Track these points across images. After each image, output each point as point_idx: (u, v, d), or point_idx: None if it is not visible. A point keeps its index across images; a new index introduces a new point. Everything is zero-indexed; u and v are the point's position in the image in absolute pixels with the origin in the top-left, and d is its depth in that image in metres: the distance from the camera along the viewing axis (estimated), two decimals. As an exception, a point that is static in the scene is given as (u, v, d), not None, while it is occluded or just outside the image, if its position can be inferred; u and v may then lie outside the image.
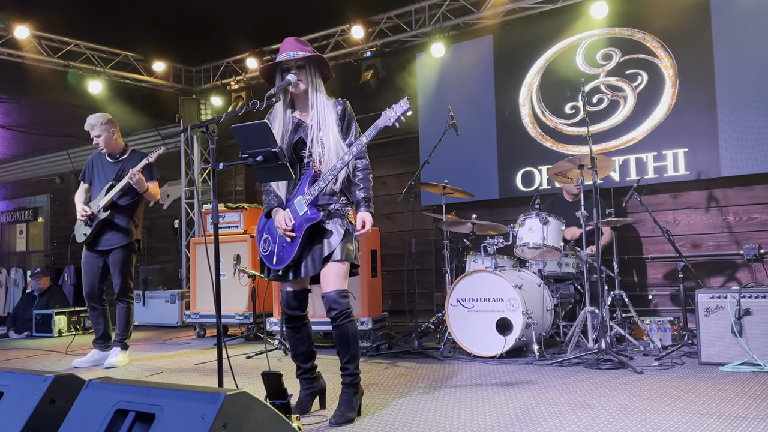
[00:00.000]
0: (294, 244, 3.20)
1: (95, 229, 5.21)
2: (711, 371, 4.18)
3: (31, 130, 10.45)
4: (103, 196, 5.21)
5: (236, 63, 8.98)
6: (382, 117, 3.18)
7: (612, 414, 3.15)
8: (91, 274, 5.29)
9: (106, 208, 5.17)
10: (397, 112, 3.15)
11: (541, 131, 6.97)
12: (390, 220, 8.16)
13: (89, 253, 5.32)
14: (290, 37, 3.35)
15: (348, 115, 3.35)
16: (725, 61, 6.03)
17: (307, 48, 3.32)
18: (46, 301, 8.36)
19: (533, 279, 5.25)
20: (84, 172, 5.47)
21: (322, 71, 3.37)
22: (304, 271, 3.23)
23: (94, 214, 5.20)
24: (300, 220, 3.20)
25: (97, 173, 5.39)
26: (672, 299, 6.29)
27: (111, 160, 5.37)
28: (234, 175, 9.93)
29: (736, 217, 6.12)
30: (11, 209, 13.63)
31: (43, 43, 7.76)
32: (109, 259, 5.28)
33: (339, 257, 3.18)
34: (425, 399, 3.65)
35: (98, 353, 5.35)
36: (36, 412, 2.21)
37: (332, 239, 3.21)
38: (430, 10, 7.39)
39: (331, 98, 3.37)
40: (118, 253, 5.24)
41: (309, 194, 3.20)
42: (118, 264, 5.24)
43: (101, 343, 5.37)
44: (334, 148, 3.24)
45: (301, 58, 3.26)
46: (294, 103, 3.40)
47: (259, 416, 1.92)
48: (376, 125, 3.16)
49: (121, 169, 5.25)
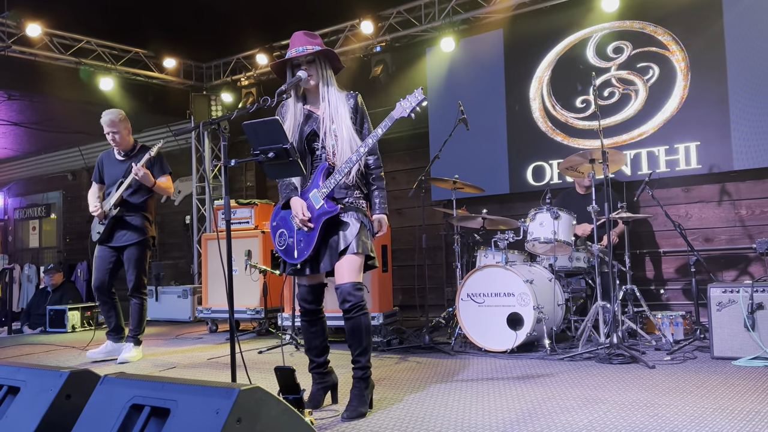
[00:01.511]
0: (312, 238, 3.21)
1: (108, 226, 5.26)
2: (723, 366, 4.16)
3: (44, 127, 10.51)
4: (114, 193, 5.25)
5: (246, 59, 9.00)
6: (397, 108, 3.18)
7: (624, 409, 3.15)
8: (102, 268, 5.32)
9: (116, 205, 5.22)
10: (411, 102, 3.16)
11: (552, 125, 6.95)
12: (400, 215, 8.16)
13: (103, 247, 5.35)
14: (299, 32, 3.35)
15: (360, 108, 3.37)
16: (737, 53, 5.98)
17: (317, 41, 3.32)
18: (59, 297, 8.42)
19: (544, 274, 5.24)
20: (95, 172, 5.51)
21: (333, 63, 3.38)
22: (322, 266, 3.25)
23: (106, 213, 5.24)
24: (317, 213, 3.21)
25: (107, 172, 5.43)
26: (684, 293, 6.27)
27: (120, 158, 5.40)
28: (245, 171, 9.97)
29: (749, 211, 6.08)
30: (24, 206, 13.73)
31: (55, 40, 7.81)
32: (123, 255, 5.32)
33: (355, 250, 3.19)
34: (437, 393, 3.66)
35: (111, 344, 5.40)
36: (52, 407, 2.23)
37: (348, 232, 3.22)
38: (440, 5, 7.37)
39: (343, 91, 3.38)
40: (133, 249, 5.28)
41: (325, 187, 3.21)
42: (133, 260, 5.28)
43: (114, 335, 5.42)
44: (348, 141, 3.25)
45: (310, 53, 3.27)
46: (306, 97, 3.41)
47: (273, 411, 1.93)
48: (391, 116, 3.17)
49: (129, 166, 5.27)
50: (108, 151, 5.52)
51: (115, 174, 5.36)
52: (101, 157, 5.53)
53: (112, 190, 5.30)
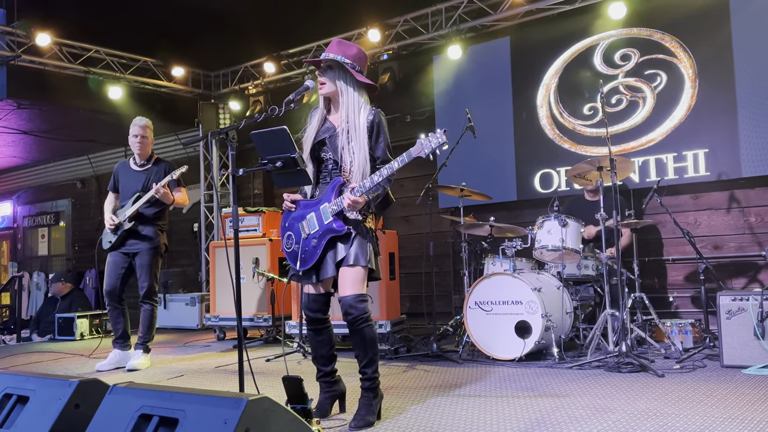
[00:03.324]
0: (315, 252, 3.22)
1: (119, 237, 5.34)
2: (733, 374, 4.13)
3: (53, 136, 10.58)
4: (130, 206, 5.33)
5: (254, 67, 9.04)
6: (417, 145, 3.07)
7: (633, 418, 3.13)
8: (114, 274, 5.36)
9: (131, 219, 5.30)
10: (432, 144, 3.03)
11: (560, 132, 6.94)
12: (408, 223, 8.16)
13: (116, 253, 5.40)
14: (336, 38, 3.40)
15: (377, 127, 3.29)
16: (745, 60, 5.96)
17: (349, 51, 3.29)
18: (68, 305, 8.46)
19: (552, 281, 5.22)
20: (111, 182, 5.58)
21: (358, 78, 3.29)
22: (322, 274, 3.25)
23: (120, 224, 5.31)
24: (324, 228, 3.22)
25: (123, 181, 5.50)
26: (693, 301, 6.23)
27: (137, 168, 5.48)
28: (252, 179, 10.00)
29: (758, 218, 6.05)
30: (33, 214, 13.81)
31: (64, 49, 7.87)
32: (135, 261, 5.37)
33: (351, 262, 3.19)
34: (445, 402, 3.65)
35: (118, 353, 5.41)
36: (61, 417, 2.24)
37: (350, 244, 3.22)
38: (447, 13, 7.39)
39: (366, 105, 3.31)
40: (145, 255, 5.34)
41: (335, 205, 3.20)
42: (145, 266, 5.33)
43: (121, 342, 5.43)
44: (362, 164, 3.22)
45: (327, 59, 3.27)
46: (329, 105, 3.42)
47: (281, 421, 1.94)
48: (409, 153, 3.06)
49: (146, 179, 5.38)
50: (123, 161, 5.61)
51: (130, 184, 5.43)
52: (117, 168, 5.61)
53: (128, 202, 5.36)
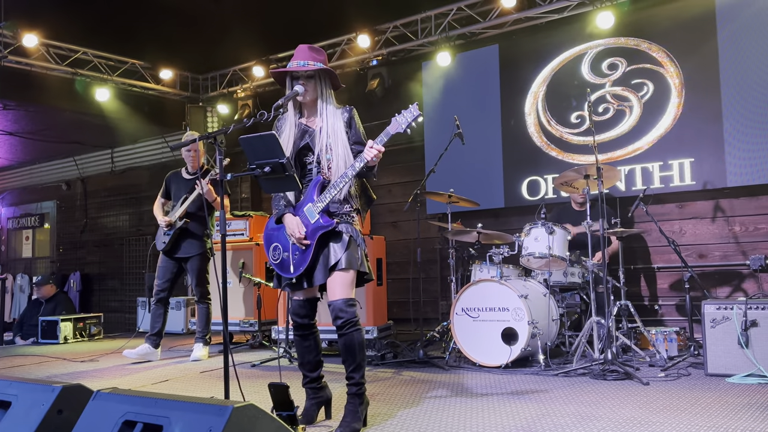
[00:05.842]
0: (307, 253, 3.21)
1: (173, 236, 5.84)
2: (717, 382, 4.16)
3: (39, 137, 10.48)
4: (179, 207, 5.87)
5: (243, 71, 9.01)
6: (393, 123, 3.17)
7: (618, 426, 3.14)
8: (165, 277, 5.92)
9: (182, 217, 5.83)
10: (407, 118, 3.14)
11: (547, 140, 6.98)
12: (395, 228, 8.16)
13: (166, 258, 5.94)
14: (303, 45, 3.36)
15: (354, 121, 3.37)
16: (731, 71, 6.03)
17: (320, 56, 3.32)
18: (52, 308, 8.38)
19: (539, 288, 5.24)
20: (163, 189, 6.13)
21: (332, 80, 3.39)
22: (315, 280, 3.24)
23: (172, 223, 5.83)
24: (312, 228, 3.21)
25: (174, 188, 6.06)
26: (678, 309, 6.27)
27: (187, 177, 6.03)
28: (240, 183, 9.95)
29: (743, 227, 6.11)
30: (18, 215, 13.67)
31: (51, 51, 7.81)
32: (187, 266, 5.95)
33: (344, 266, 3.19)
34: (431, 409, 3.65)
35: (148, 348, 5.86)
36: (44, 423, 2.22)
37: (338, 247, 3.22)
38: (437, 20, 7.41)
39: (339, 107, 3.39)
40: (195, 260, 5.91)
41: (320, 201, 3.21)
42: (196, 271, 5.92)
43: (154, 339, 5.89)
44: (343, 156, 3.26)
45: (311, 69, 3.28)
46: (302, 111, 3.42)
47: (266, 428, 1.92)
48: (387, 132, 3.16)
49: (193, 183, 5.94)
50: (176, 171, 6.18)
51: (180, 190, 5.99)
52: (169, 176, 6.17)
53: (177, 204, 5.91)
